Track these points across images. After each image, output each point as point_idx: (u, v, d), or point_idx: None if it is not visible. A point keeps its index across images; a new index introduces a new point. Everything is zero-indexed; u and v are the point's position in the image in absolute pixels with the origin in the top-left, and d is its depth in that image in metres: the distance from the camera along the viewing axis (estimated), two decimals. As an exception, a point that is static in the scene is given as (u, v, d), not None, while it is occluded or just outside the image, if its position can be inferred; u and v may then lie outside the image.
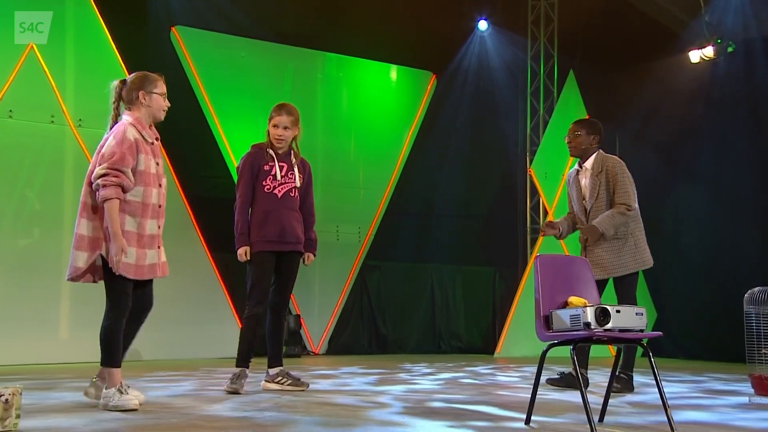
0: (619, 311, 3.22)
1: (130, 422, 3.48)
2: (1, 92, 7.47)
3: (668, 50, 9.63)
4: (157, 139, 4.08)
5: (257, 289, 4.86)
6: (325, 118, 9.81)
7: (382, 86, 10.41)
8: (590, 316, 3.17)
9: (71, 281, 3.93)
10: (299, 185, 4.99)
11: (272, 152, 4.93)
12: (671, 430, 3.32)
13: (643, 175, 10.31)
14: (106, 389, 3.85)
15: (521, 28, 10.72)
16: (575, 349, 3.27)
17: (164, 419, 3.60)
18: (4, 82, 7.48)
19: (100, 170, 3.77)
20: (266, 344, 5.01)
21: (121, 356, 3.89)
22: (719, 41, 9.09)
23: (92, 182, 3.82)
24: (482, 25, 10.66)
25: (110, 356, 3.85)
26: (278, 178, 4.90)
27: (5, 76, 7.49)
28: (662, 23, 9.81)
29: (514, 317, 9.68)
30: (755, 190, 8.89)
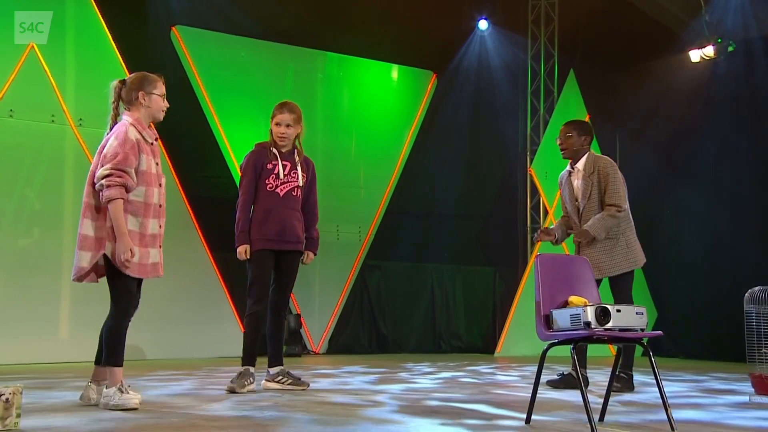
0: (619, 310, 3.22)
1: (130, 421, 3.48)
2: (1, 92, 7.47)
3: (668, 50, 9.63)
4: (156, 139, 4.08)
5: (257, 287, 4.87)
6: (325, 117, 9.81)
7: (382, 86, 10.41)
8: (591, 315, 3.17)
9: (77, 281, 3.94)
10: (302, 184, 5.00)
11: (275, 151, 4.94)
12: (671, 429, 3.32)
13: (643, 174, 10.38)
14: (107, 388, 3.85)
15: (521, 27, 10.72)
16: (575, 348, 3.27)
17: (164, 418, 3.60)
18: (4, 81, 7.48)
19: (103, 171, 3.78)
20: (266, 343, 5.02)
21: (123, 355, 3.90)
22: (719, 41, 9.08)
23: (95, 183, 3.83)
24: (483, 24, 10.66)
25: (113, 355, 3.86)
26: (280, 176, 4.91)
27: (6, 75, 7.50)
28: (662, 23, 9.81)
29: (514, 317, 9.68)
30: (755, 189, 8.89)
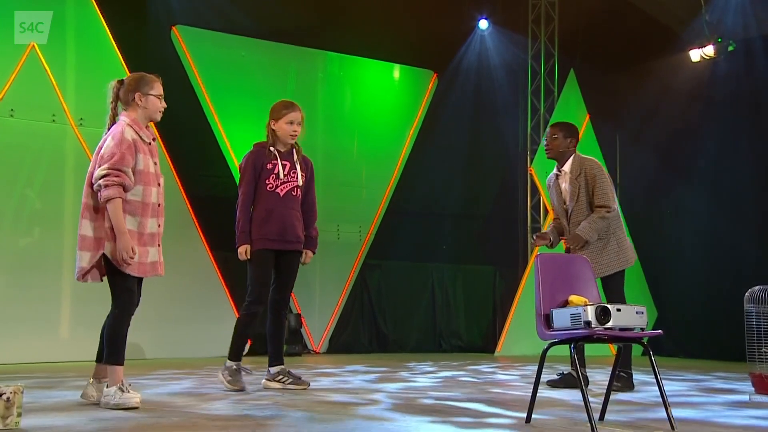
0: (619, 310, 3.23)
1: (130, 421, 3.49)
2: (2, 91, 7.48)
3: (669, 49, 9.63)
4: (154, 139, 4.09)
5: (257, 287, 4.87)
6: (326, 117, 9.81)
7: (383, 85, 10.41)
8: (591, 314, 3.18)
9: (80, 281, 3.97)
10: (301, 184, 5.00)
11: (275, 150, 4.94)
12: (672, 428, 3.33)
13: (643, 174, 10.41)
14: (107, 387, 3.86)
15: (522, 27, 10.72)
16: (576, 348, 3.28)
17: (165, 417, 3.61)
18: (5, 81, 7.49)
19: (101, 171, 3.80)
20: (267, 343, 5.02)
21: (124, 354, 3.91)
22: (720, 40, 9.08)
23: (93, 183, 3.85)
24: (483, 24, 10.66)
25: (114, 354, 3.87)
26: (281, 176, 4.90)
27: (6, 75, 7.50)
28: (663, 22, 9.81)
29: (514, 316, 9.68)
30: (755, 189, 8.89)
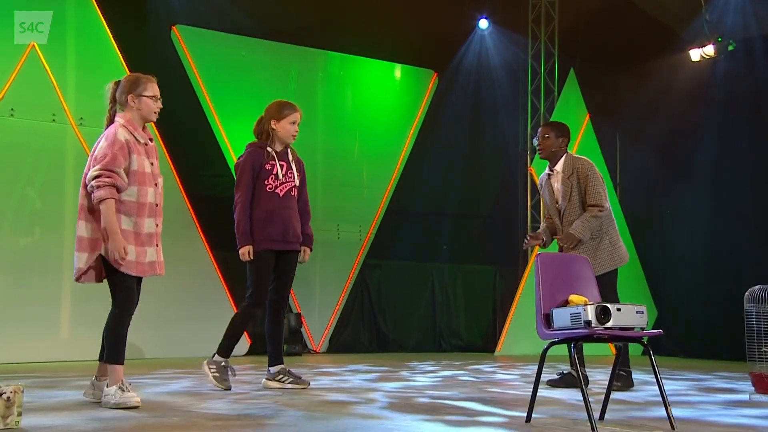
0: (619, 309, 3.23)
1: (131, 420, 3.49)
2: (2, 91, 7.48)
3: (669, 49, 9.63)
4: (150, 139, 4.09)
5: (258, 289, 4.87)
6: (326, 116, 9.82)
7: (383, 85, 10.41)
8: (591, 314, 3.18)
9: (77, 282, 3.99)
10: (298, 184, 5.00)
11: (272, 151, 4.92)
12: (672, 427, 3.33)
13: (643, 173, 10.41)
14: (107, 387, 3.86)
15: (522, 26, 10.72)
16: (576, 347, 3.28)
17: (165, 417, 3.61)
18: (5, 80, 7.49)
19: (93, 172, 3.84)
20: (266, 343, 5.02)
21: (124, 353, 3.92)
22: (720, 40, 9.08)
23: (87, 185, 3.88)
24: (483, 23, 10.66)
25: (114, 353, 3.88)
26: (280, 177, 4.90)
27: (6, 74, 7.50)
28: (663, 22, 9.81)
29: (514, 316, 9.68)
30: (755, 188, 8.89)
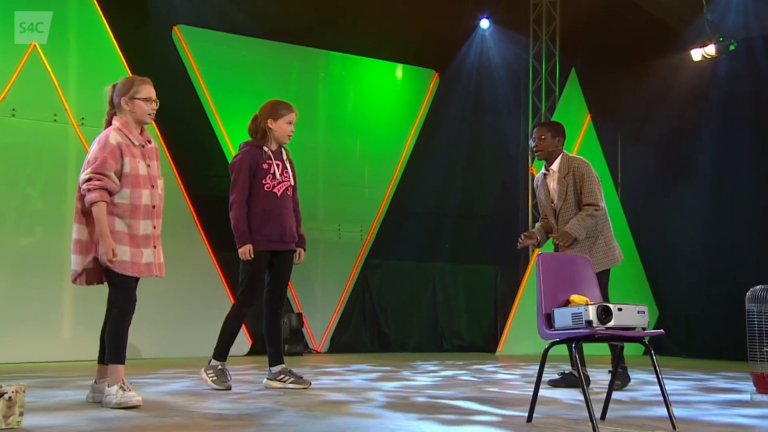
0: (620, 309, 3.22)
1: (132, 420, 3.49)
2: (3, 91, 7.49)
3: (670, 48, 9.62)
4: (149, 141, 4.09)
5: (252, 289, 4.86)
6: (327, 116, 9.82)
7: (384, 85, 10.41)
8: (592, 314, 3.17)
9: (74, 284, 4.03)
10: (293, 184, 4.98)
11: (269, 150, 4.90)
12: (673, 427, 3.33)
13: (644, 173, 10.41)
14: (108, 387, 3.87)
15: (523, 26, 10.72)
16: (577, 347, 3.28)
17: (167, 417, 3.61)
18: (6, 81, 7.50)
19: (84, 176, 3.88)
20: (265, 343, 5.01)
21: (125, 353, 3.93)
22: (721, 39, 9.08)
23: (80, 188, 3.92)
24: (484, 23, 10.66)
25: (115, 353, 3.89)
26: (277, 176, 4.87)
27: (8, 75, 7.51)
28: (664, 21, 9.81)
29: (515, 316, 9.69)
30: (757, 188, 8.89)
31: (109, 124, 4.07)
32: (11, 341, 7.09)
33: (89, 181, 3.85)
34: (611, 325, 3.19)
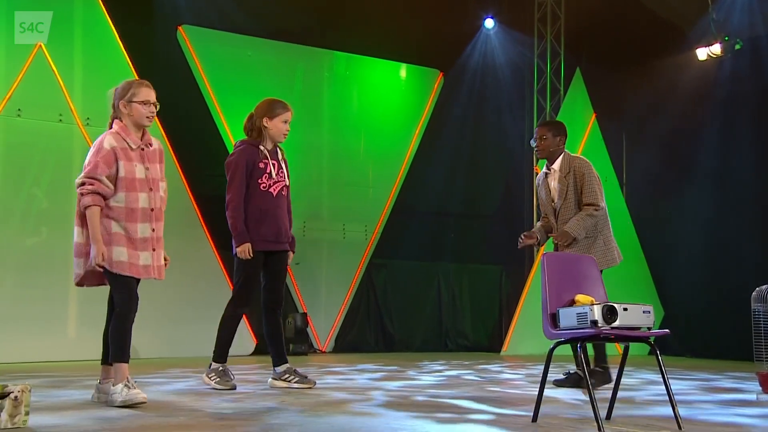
0: (626, 309, 3.22)
1: (137, 420, 3.50)
2: (9, 91, 7.51)
3: (675, 48, 9.61)
4: (149, 144, 4.10)
5: (247, 289, 4.86)
6: (332, 116, 9.83)
7: (389, 84, 10.41)
8: (597, 313, 3.17)
9: (78, 286, 4.08)
10: (288, 184, 4.96)
11: (265, 149, 4.88)
12: (678, 427, 3.32)
13: (649, 173, 10.38)
14: (113, 385, 3.88)
15: (528, 26, 10.71)
16: (582, 347, 3.27)
17: (172, 417, 3.62)
18: (12, 81, 7.52)
19: (78, 180, 3.93)
20: (267, 345, 5.00)
21: (129, 352, 3.94)
22: (726, 38, 9.06)
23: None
24: (489, 23, 10.66)
25: (119, 352, 3.91)
26: (273, 176, 4.86)
27: (14, 75, 7.53)
28: (669, 21, 9.79)
29: (520, 315, 9.68)
30: (762, 187, 8.86)
31: (111, 127, 4.09)
32: (17, 341, 7.10)
33: (83, 185, 3.90)
34: (616, 324, 3.18)
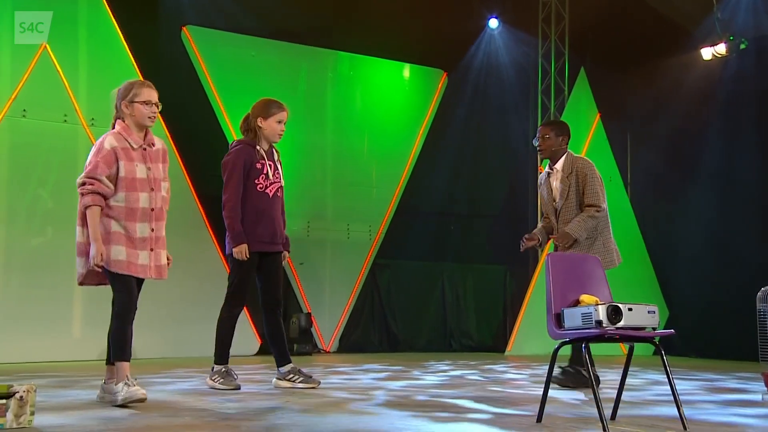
0: (631, 309, 3.21)
1: (142, 420, 3.50)
2: (14, 92, 7.53)
3: (680, 47, 9.59)
4: (151, 144, 4.11)
5: (242, 290, 4.86)
6: (336, 116, 9.84)
7: (393, 85, 10.41)
8: (602, 314, 3.17)
9: (80, 285, 4.12)
10: (283, 184, 4.96)
11: (261, 150, 4.88)
12: (684, 428, 3.31)
13: (653, 172, 10.37)
14: (115, 385, 3.90)
15: (532, 26, 10.70)
16: (587, 347, 3.27)
17: (177, 416, 3.62)
18: (17, 81, 7.54)
19: (78, 180, 3.97)
20: (270, 346, 5.00)
21: (129, 350, 3.96)
22: (731, 38, 9.04)
23: None
24: (493, 23, 10.65)
25: (120, 350, 3.93)
26: (270, 177, 4.85)
27: (19, 75, 7.55)
28: (674, 20, 9.77)
29: (525, 315, 9.66)
30: (766, 187, 8.84)
31: (113, 127, 4.11)
32: (22, 341, 7.12)
33: (83, 185, 3.93)
34: (621, 325, 3.18)
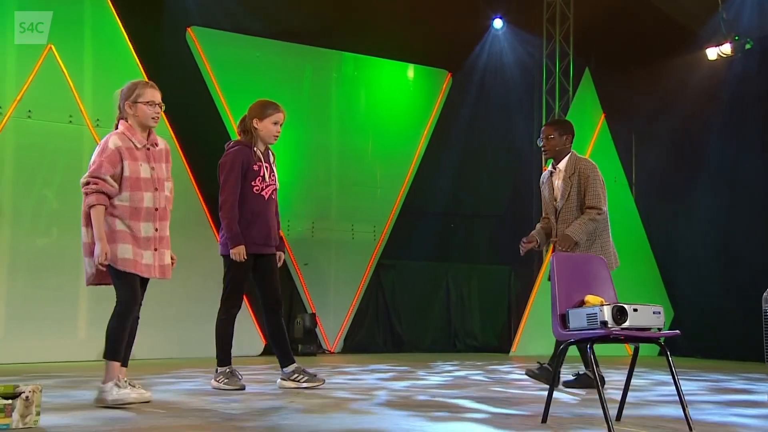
0: (636, 310, 3.21)
1: (147, 420, 3.51)
2: (20, 93, 7.55)
3: (685, 47, 9.56)
4: (155, 144, 4.12)
5: (238, 291, 4.88)
6: (340, 117, 9.84)
7: (397, 85, 10.41)
8: (607, 314, 3.16)
9: (89, 285, 4.13)
10: (278, 187, 4.96)
11: (258, 152, 4.87)
12: (689, 428, 3.30)
13: (658, 173, 10.35)
14: (103, 383, 3.91)
15: (537, 26, 10.68)
16: (592, 348, 3.27)
17: (181, 417, 3.63)
18: (23, 82, 7.56)
19: (83, 179, 3.99)
20: (272, 347, 5.00)
21: (122, 351, 3.96)
22: (737, 38, 9.02)
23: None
24: (497, 23, 10.64)
25: (112, 350, 3.94)
26: (266, 179, 4.85)
27: (24, 76, 7.57)
28: (679, 20, 9.75)
29: (529, 316, 9.65)
30: (772, 188, 8.82)
31: (117, 128, 4.12)
32: (28, 341, 7.14)
33: (87, 185, 3.95)
34: (626, 325, 3.17)
